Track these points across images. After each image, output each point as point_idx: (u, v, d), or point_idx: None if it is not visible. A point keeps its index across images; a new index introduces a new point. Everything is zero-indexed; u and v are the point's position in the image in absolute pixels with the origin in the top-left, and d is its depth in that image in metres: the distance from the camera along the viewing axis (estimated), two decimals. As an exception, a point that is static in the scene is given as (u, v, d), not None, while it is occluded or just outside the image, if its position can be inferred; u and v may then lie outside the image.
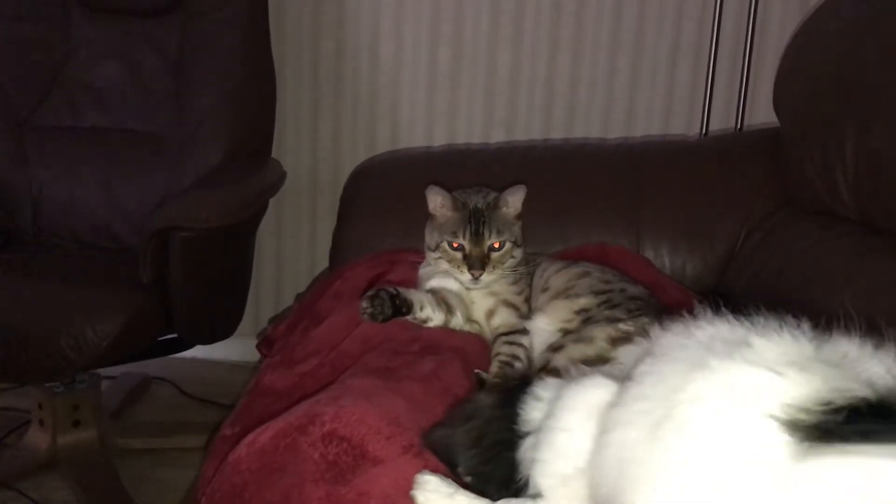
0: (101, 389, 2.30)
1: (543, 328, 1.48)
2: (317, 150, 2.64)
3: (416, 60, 2.56)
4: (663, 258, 1.82)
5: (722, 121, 2.45)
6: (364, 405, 1.09)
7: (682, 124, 2.50)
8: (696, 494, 0.74)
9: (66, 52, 2.38)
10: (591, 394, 0.93)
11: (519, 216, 1.61)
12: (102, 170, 2.35)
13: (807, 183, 1.67)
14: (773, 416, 0.73)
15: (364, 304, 1.45)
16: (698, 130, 2.42)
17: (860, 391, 0.73)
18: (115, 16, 2.39)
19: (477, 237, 1.53)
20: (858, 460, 0.69)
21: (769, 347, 0.80)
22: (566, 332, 1.43)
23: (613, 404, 0.89)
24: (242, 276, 2.30)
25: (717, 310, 0.90)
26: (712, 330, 0.86)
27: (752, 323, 0.85)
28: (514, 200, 1.59)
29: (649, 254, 1.83)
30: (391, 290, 1.47)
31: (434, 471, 1.01)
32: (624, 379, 0.90)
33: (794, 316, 0.84)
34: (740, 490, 0.72)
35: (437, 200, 1.59)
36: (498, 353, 1.45)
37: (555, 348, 1.40)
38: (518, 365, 1.43)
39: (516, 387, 1.06)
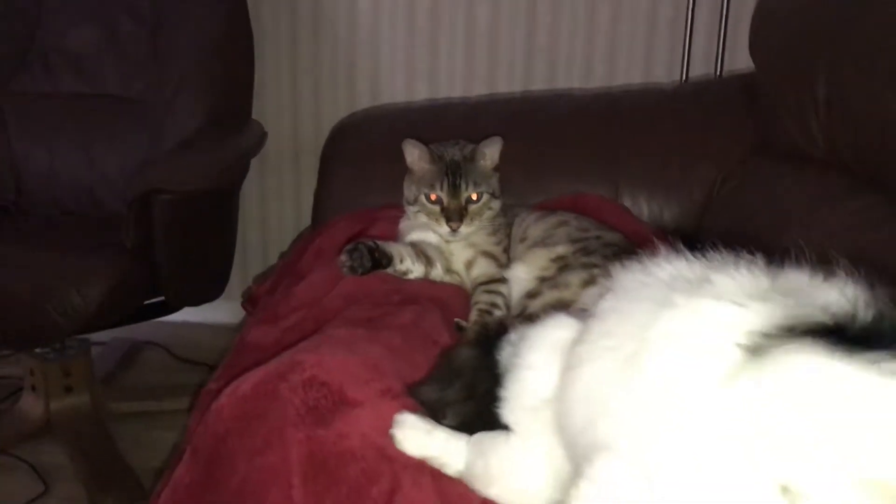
0: (92, 355, 2.35)
1: (521, 277, 1.53)
2: (297, 109, 2.67)
3: (394, 16, 2.58)
4: (641, 206, 1.86)
5: (703, 67, 2.48)
6: (343, 352, 1.14)
7: (664, 72, 2.53)
8: (670, 422, 0.77)
9: (40, 19, 2.39)
10: (554, 333, 0.98)
11: (496, 168, 1.65)
12: (82, 136, 2.38)
13: (780, 126, 1.71)
14: (739, 345, 0.76)
15: (343, 257, 1.49)
16: (677, 78, 2.44)
17: (818, 317, 0.77)
18: (89, -21, 2.40)
19: (454, 190, 1.57)
20: (814, 357, 0.73)
21: (728, 282, 0.84)
22: (543, 280, 1.48)
23: (578, 341, 0.93)
24: (227, 238, 2.34)
25: (677, 249, 0.94)
26: (671, 268, 0.90)
27: (708, 260, 0.89)
28: (490, 152, 1.63)
29: (627, 202, 1.87)
30: (370, 243, 1.51)
31: (412, 412, 1.06)
32: (587, 317, 0.95)
33: (750, 252, 0.88)
34: (712, 416, 0.75)
35: (413, 154, 1.63)
36: (477, 302, 1.50)
37: (531, 295, 1.45)
38: (497, 313, 1.48)
39: (495, 335, 1.11)
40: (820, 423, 0.71)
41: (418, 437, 1.02)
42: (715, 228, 1.75)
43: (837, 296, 0.80)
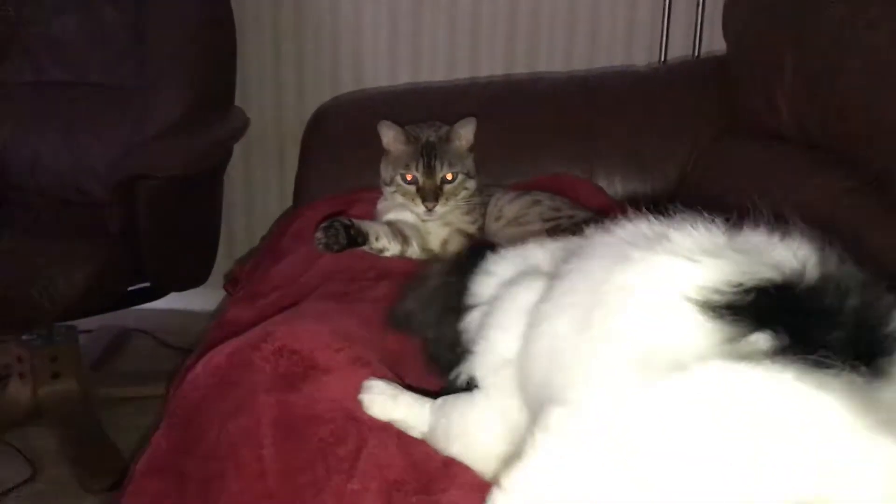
0: (81, 342, 2.38)
1: (496, 254, 1.56)
2: (281, 95, 2.70)
3: (376, 1, 2.61)
4: (616, 185, 1.90)
5: (684, 49, 2.51)
6: (315, 322, 1.18)
7: (644, 54, 2.56)
8: (625, 373, 0.80)
9: (22, 8, 2.42)
10: (525, 295, 1.01)
11: (471, 148, 1.69)
12: (66, 124, 2.41)
13: (750, 104, 1.75)
14: (689, 298, 0.80)
15: (318, 234, 1.53)
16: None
17: (767, 273, 0.81)
18: (71, -32, 2.43)
19: (429, 170, 1.61)
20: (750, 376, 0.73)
21: (685, 239, 0.87)
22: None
23: (542, 300, 0.97)
24: (211, 223, 2.38)
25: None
26: (632, 227, 0.94)
27: (670, 220, 0.92)
28: (465, 133, 1.67)
29: (602, 182, 1.91)
30: (346, 220, 1.55)
31: (380, 378, 1.10)
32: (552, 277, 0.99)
33: (710, 213, 0.92)
34: (663, 365, 0.77)
35: (389, 135, 1.67)
36: (452, 279, 1.54)
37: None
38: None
39: (468, 258, 1.17)
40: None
41: (385, 402, 1.07)
42: (688, 206, 1.78)
43: (789, 255, 0.84)
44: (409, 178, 1.62)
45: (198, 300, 2.66)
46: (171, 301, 2.43)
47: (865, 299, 0.81)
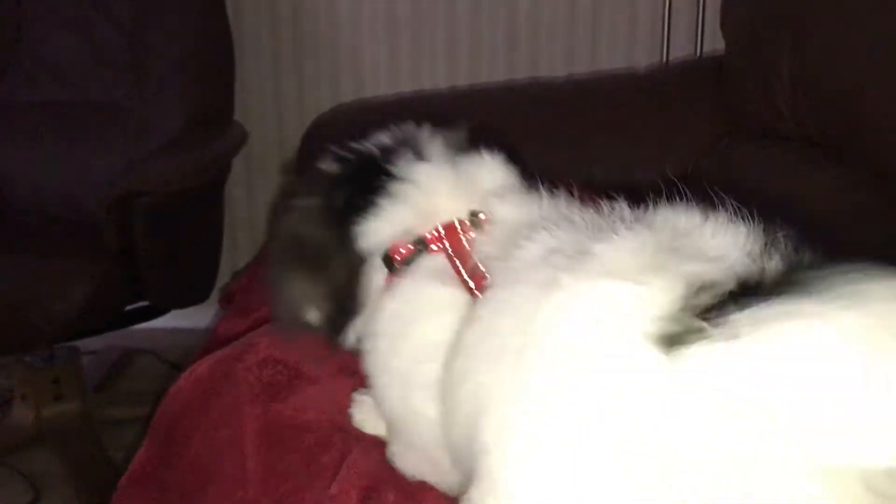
0: (84, 363, 2.42)
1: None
2: (281, 110, 2.74)
3: (374, 12, 2.65)
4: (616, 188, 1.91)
5: (686, 50, 2.52)
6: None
7: (646, 55, 2.58)
8: (562, 427, 0.71)
9: (18, 29, 2.47)
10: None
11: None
12: (65, 142, 2.45)
13: (749, 103, 1.77)
14: (646, 334, 0.68)
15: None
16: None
17: (724, 283, 0.70)
18: (65, -13, 2.48)
19: None
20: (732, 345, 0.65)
21: (613, 253, 0.74)
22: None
23: (459, 343, 0.83)
24: (212, 239, 2.40)
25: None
26: (546, 238, 0.80)
27: (583, 224, 0.81)
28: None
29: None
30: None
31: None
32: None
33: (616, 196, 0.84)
34: (619, 410, 0.69)
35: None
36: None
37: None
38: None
39: None
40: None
41: (374, 418, 1.07)
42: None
43: (730, 242, 0.75)
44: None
45: (202, 317, 2.69)
46: (175, 319, 2.46)
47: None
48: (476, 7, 2.62)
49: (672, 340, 0.67)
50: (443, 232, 0.93)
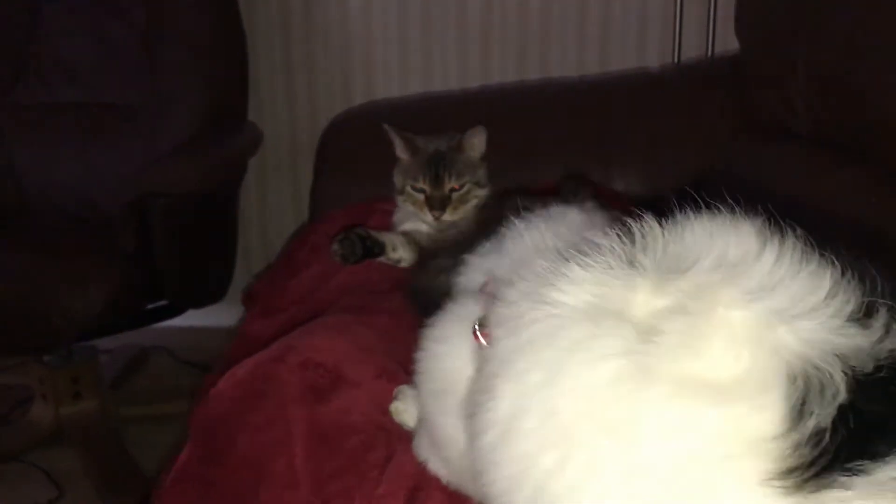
0: (100, 362, 2.42)
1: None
2: (293, 108, 2.73)
3: (385, 10, 2.64)
4: (633, 187, 1.92)
5: (696, 50, 2.53)
6: (335, 335, 1.21)
7: (657, 55, 2.58)
8: None
9: (34, 31, 2.47)
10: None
11: (483, 157, 1.70)
12: (80, 143, 2.45)
13: (765, 103, 1.78)
14: (759, 472, 0.59)
15: (335, 246, 1.56)
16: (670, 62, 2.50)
17: (833, 384, 0.60)
18: (81, -10, 2.47)
19: (436, 179, 1.63)
20: None
21: (700, 360, 0.64)
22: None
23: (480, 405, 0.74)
24: (228, 239, 2.41)
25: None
26: (582, 293, 0.70)
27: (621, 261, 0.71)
28: (474, 142, 1.69)
29: (619, 184, 1.93)
30: (361, 231, 1.58)
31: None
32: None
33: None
34: None
35: (397, 143, 1.70)
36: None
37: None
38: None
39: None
40: None
41: (413, 410, 1.08)
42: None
43: (810, 292, 0.65)
44: (417, 186, 1.65)
45: (215, 316, 2.68)
46: (189, 318, 2.46)
47: None
48: (487, 7, 2.62)
49: (791, 483, 0.58)
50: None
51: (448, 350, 0.86)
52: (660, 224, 0.73)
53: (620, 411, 0.64)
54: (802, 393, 0.60)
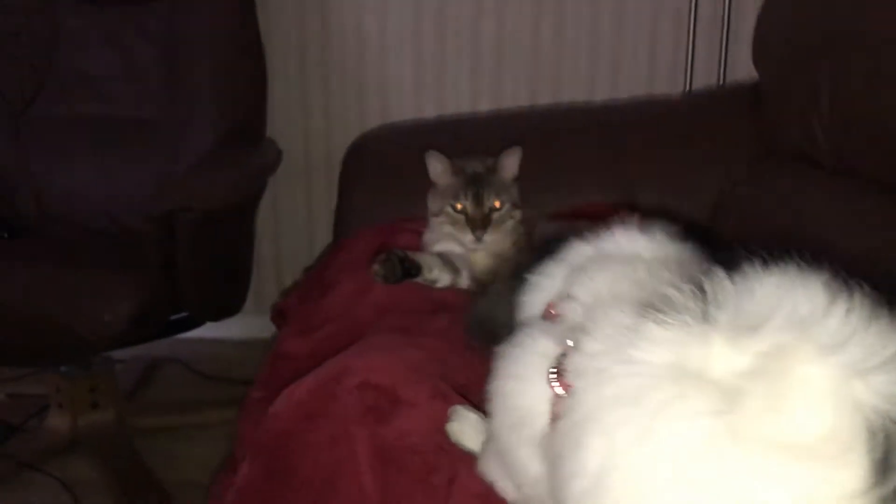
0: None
1: (545, 284, 1.61)
2: (308, 127, 2.76)
3: (401, 34, 2.68)
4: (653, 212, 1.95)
5: (704, 78, 2.58)
6: (389, 357, 1.23)
7: (666, 84, 2.63)
8: None
9: (56, 43, 2.48)
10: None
11: (516, 178, 1.74)
12: (100, 156, 2.46)
13: (786, 133, 1.81)
14: None
15: (376, 267, 1.58)
16: (681, 89, 2.55)
17: None
18: (102, 5, 2.49)
19: (477, 199, 1.66)
20: None
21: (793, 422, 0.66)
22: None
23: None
24: (246, 253, 2.43)
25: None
26: (665, 354, 0.72)
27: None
28: (510, 163, 1.73)
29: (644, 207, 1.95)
30: (400, 253, 1.60)
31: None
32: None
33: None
34: None
35: (437, 167, 1.72)
36: (504, 309, 1.59)
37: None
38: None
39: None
40: None
41: (470, 431, 1.10)
42: (726, 233, 1.84)
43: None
44: (458, 207, 1.67)
45: (225, 328, 2.68)
46: (199, 329, 2.47)
47: None
48: (500, 31, 2.66)
49: None
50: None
51: (524, 389, 0.87)
52: (730, 278, 0.75)
53: (710, 470, 0.66)
54: (884, 447, 0.63)
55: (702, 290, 0.75)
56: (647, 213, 1.03)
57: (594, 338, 0.79)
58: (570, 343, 0.83)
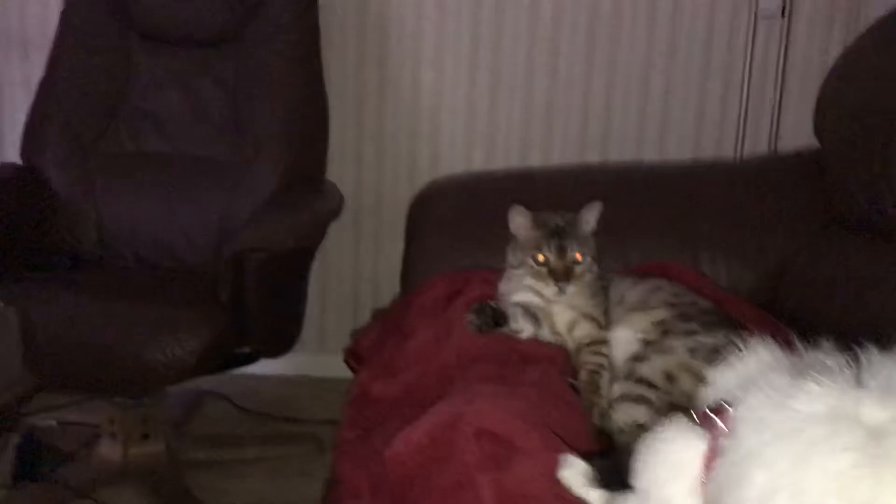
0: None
1: (624, 339, 1.64)
2: (361, 174, 2.83)
3: (455, 87, 2.76)
4: (720, 274, 1.99)
5: (749, 145, 2.65)
6: (500, 405, 1.25)
7: (712, 147, 2.70)
8: None
9: (127, 82, 2.54)
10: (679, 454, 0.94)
11: (594, 232, 1.78)
12: (164, 193, 2.51)
13: (853, 203, 1.85)
14: None
15: (471, 316, 1.61)
16: (728, 153, 2.62)
17: None
18: (174, 46, 2.56)
19: (560, 251, 1.69)
20: None
21: None
22: (648, 344, 1.60)
23: None
24: (303, 293, 2.46)
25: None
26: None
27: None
28: (590, 217, 1.76)
29: (706, 269, 2.00)
30: (492, 303, 1.64)
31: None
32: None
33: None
34: None
35: (519, 221, 1.76)
36: (585, 362, 1.62)
37: (638, 358, 1.57)
38: (604, 373, 1.60)
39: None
40: None
41: (581, 478, 1.13)
42: (791, 299, 1.88)
43: None
44: (540, 259, 1.70)
45: (268, 365, 2.71)
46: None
47: None
48: (551, 88, 2.74)
49: None
50: None
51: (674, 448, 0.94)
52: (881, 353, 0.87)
53: (862, 491, 0.76)
54: None
55: (856, 360, 0.87)
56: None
57: (754, 394, 0.88)
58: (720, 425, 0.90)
